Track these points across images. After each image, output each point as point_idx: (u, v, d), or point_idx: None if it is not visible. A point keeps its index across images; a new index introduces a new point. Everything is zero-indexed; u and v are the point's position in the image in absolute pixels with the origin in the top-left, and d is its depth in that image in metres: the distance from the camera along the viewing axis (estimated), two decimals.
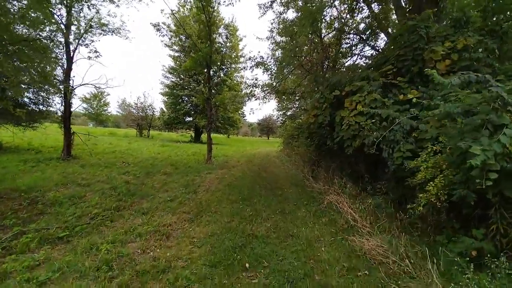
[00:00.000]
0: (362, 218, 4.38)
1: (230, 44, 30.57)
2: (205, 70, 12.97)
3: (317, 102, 6.12)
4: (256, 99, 12.54)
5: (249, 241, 4.12)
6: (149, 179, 8.30)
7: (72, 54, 11.45)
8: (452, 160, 3.40)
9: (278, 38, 13.70)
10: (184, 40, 27.06)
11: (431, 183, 3.40)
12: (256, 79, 11.67)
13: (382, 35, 10.48)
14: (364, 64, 9.54)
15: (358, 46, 11.27)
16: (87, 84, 11.76)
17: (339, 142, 5.60)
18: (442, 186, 3.31)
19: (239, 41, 30.79)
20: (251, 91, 12.03)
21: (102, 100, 58.07)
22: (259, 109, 49.96)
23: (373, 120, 4.82)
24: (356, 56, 10.80)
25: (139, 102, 32.07)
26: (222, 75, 32.03)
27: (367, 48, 11.63)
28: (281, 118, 34.04)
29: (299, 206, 6.09)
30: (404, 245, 3.41)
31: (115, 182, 7.41)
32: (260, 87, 11.72)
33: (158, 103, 48.31)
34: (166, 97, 30.52)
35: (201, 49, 11.69)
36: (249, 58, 11.31)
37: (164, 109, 32.23)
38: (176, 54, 29.50)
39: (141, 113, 32.37)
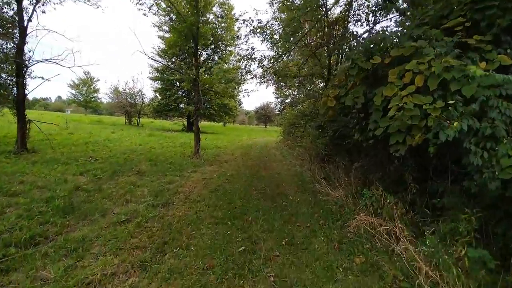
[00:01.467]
0: (446, 280, 2.42)
1: (225, 24, 28.04)
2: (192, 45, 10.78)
3: (344, 77, 4.10)
4: (252, 77, 10.35)
5: None
6: (112, 181, 6.31)
7: (26, 23, 9.23)
8: None
9: (278, 14, 11.48)
10: (174, 19, 24.51)
11: None
12: (253, 48, 9.40)
13: None
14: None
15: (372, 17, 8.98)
16: (46, 61, 9.61)
17: (380, 136, 3.61)
18: None
19: (235, 21, 28.20)
20: (245, 65, 9.80)
21: (91, 86, 55.35)
22: (256, 91, 46.55)
23: (452, 102, 2.83)
24: (373, 25, 8.50)
25: (127, 87, 29.75)
26: (216, 58, 29.63)
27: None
28: (279, 105, 31.93)
29: (314, 230, 4.15)
30: None
31: (60, 188, 5.43)
32: (258, 61, 9.51)
33: (148, 89, 44.64)
34: (156, 82, 28.18)
35: (185, 18, 9.48)
36: (243, 21, 8.97)
37: (158, 96, 29.70)
38: (167, 35, 26.99)
39: (129, 100, 30.06)
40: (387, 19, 7.62)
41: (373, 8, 8.10)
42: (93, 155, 9.14)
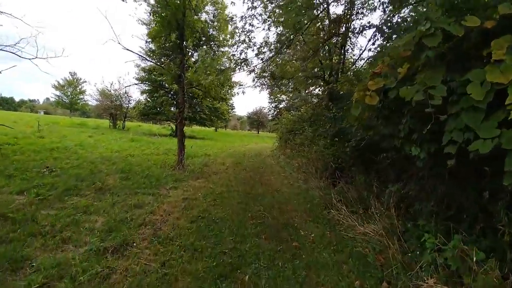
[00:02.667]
0: None
1: (218, 24, 26.55)
2: (177, 37, 9.16)
3: (408, 52, 2.52)
4: (250, 72, 8.80)
5: None
6: (58, 204, 4.62)
7: None
8: None
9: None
10: (155, 3, 22.82)
11: None
12: (252, 25, 7.83)
13: None
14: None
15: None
16: None
17: (484, 154, 2.05)
18: None
19: (228, 19, 26.66)
20: (241, 52, 8.25)
21: (78, 88, 53.03)
22: (253, 87, 42.50)
23: None
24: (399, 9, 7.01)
25: (113, 88, 27.77)
26: (208, 60, 28.02)
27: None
28: (273, 110, 30.41)
29: None
30: None
31: None
32: (256, 49, 7.95)
33: (135, 91, 41.25)
34: (143, 83, 26.38)
35: (168, 1, 7.89)
36: None
37: (148, 98, 27.75)
38: None
39: (115, 102, 28.05)
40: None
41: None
42: (51, 165, 7.36)
